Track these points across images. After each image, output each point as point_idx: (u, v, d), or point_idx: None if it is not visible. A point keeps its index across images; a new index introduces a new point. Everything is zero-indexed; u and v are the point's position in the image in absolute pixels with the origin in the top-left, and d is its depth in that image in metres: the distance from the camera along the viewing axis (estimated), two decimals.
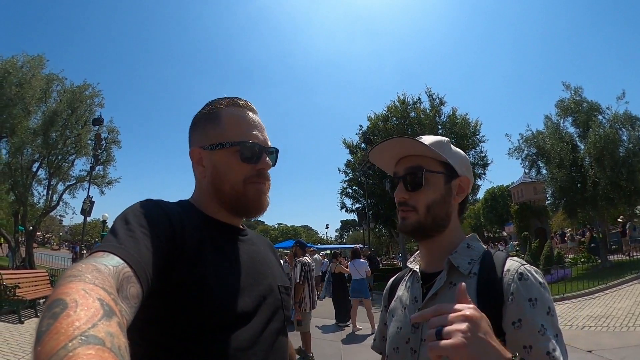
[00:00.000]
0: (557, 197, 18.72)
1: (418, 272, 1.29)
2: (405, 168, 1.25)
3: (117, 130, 26.30)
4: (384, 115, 26.86)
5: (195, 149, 1.18)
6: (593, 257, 18.85)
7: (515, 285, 1.06)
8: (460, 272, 1.15)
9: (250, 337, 1.03)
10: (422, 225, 1.22)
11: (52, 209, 24.59)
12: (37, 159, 23.23)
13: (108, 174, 26.46)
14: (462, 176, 1.27)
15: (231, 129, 1.16)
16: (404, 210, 1.24)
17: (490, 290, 1.07)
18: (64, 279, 0.63)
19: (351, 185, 30.19)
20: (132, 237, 0.86)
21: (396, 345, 1.23)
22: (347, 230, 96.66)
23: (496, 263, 1.14)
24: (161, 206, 1.03)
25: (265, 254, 1.28)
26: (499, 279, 1.09)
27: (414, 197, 1.22)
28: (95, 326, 0.51)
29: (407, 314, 1.24)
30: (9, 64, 20.32)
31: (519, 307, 1.02)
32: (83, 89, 24.02)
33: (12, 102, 20.03)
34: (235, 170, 1.14)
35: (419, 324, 1.14)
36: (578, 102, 18.24)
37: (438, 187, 1.22)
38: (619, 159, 16.31)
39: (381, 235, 37.80)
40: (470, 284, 1.10)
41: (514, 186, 39.77)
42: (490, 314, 0.89)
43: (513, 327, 1.01)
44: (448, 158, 1.23)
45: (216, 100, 1.22)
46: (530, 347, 0.98)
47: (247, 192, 1.15)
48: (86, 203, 20.42)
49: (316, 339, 9.15)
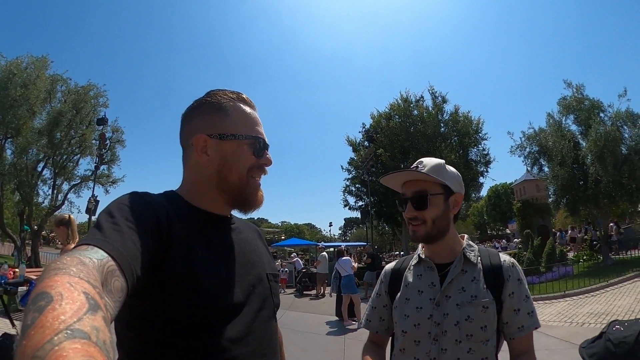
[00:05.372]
0: (559, 194, 18.65)
1: (432, 263, 1.62)
2: (413, 192, 1.59)
3: (121, 130, 26.53)
4: (387, 114, 26.89)
5: (201, 135, 1.15)
6: (595, 255, 18.85)
7: (511, 270, 1.54)
8: (470, 262, 1.56)
9: (242, 327, 1.05)
10: (430, 235, 1.58)
11: (57, 208, 24.74)
12: (42, 158, 23.42)
13: (112, 173, 26.74)
14: (457, 193, 1.63)
15: (241, 122, 1.18)
16: (414, 224, 1.59)
17: (495, 273, 1.53)
18: (49, 272, 0.62)
19: (354, 183, 30.26)
20: (117, 231, 0.85)
21: (417, 321, 1.54)
22: (351, 227, 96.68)
23: (492, 255, 1.60)
24: (147, 199, 1.02)
25: (253, 242, 1.29)
26: (500, 265, 1.55)
27: (421, 213, 1.56)
28: (80, 320, 0.50)
29: (425, 296, 1.56)
30: (14, 65, 20.47)
31: (513, 284, 1.51)
32: (87, 89, 24.20)
33: (17, 103, 20.18)
34: (244, 161, 1.16)
35: (440, 302, 1.51)
36: (580, 100, 18.15)
37: (439, 205, 1.57)
38: (621, 157, 16.23)
39: (384, 233, 37.86)
40: (478, 269, 1.55)
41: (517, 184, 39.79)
42: (494, 289, 1.49)
43: (509, 297, 1.50)
44: (445, 180, 1.58)
45: (219, 91, 1.22)
46: (519, 310, 1.49)
47: (249, 185, 1.17)
48: (91, 202, 20.47)
49: (319, 335, 9.25)
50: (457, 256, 1.59)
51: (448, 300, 1.50)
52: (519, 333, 1.48)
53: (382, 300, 1.76)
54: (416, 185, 1.59)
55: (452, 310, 1.48)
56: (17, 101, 20.09)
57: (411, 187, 1.60)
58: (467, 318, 1.45)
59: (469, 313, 1.45)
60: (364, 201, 29.34)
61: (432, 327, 1.50)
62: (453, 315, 1.47)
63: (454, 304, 1.48)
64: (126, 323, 0.97)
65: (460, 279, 1.53)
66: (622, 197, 16.90)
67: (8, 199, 23.17)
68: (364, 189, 27.73)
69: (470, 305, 1.46)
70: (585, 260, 18.53)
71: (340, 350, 7.92)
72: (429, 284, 1.58)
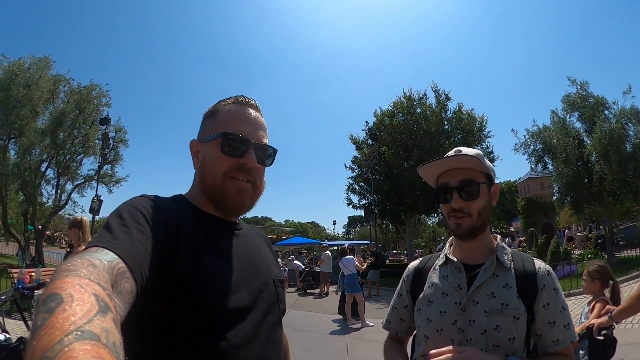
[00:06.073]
0: (564, 192, 18.61)
1: (460, 263, 1.50)
2: (460, 180, 1.46)
3: (124, 129, 26.58)
4: (390, 112, 26.80)
5: (193, 141, 1.21)
6: (600, 253, 18.77)
7: (546, 278, 1.41)
8: (502, 266, 1.44)
9: (248, 332, 1.04)
10: (475, 228, 1.46)
11: (61, 208, 24.87)
12: (46, 159, 23.51)
13: (116, 173, 26.79)
14: (496, 183, 1.55)
15: (222, 122, 1.16)
16: (459, 216, 1.46)
17: (528, 281, 1.40)
18: (60, 274, 0.62)
19: (358, 182, 30.21)
20: (126, 233, 0.86)
21: (440, 327, 1.43)
22: (355, 226, 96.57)
23: (526, 260, 1.48)
24: (156, 202, 1.02)
25: (260, 248, 1.28)
26: (534, 272, 1.42)
27: (468, 205, 1.44)
28: (90, 321, 0.51)
29: (450, 300, 1.45)
30: (16, 65, 20.52)
31: (548, 294, 1.39)
32: (90, 89, 24.25)
33: (20, 104, 20.25)
34: (217, 162, 1.13)
35: (467, 307, 1.39)
36: (584, 97, 18.09)
37: (485, 195, 1.48)
38: (626, 155, 16.17)
39: (388, 232, 37.86)
40: (510, 275, 1.42)
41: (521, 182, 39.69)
42: (527, 298, 1.36)
43: (543, 309, 1.37)
44: (488, 169, 1.50)
45: (223, 99, 1.23)
46: (554, 322, 1.37)
47: (225, 187, 1.13)
48: (94, 202, 20.56)
49: (322, 334, 9.23)
50: (488, 258, 1.47)
51: (475, 306, 1.39)
52: (554, 347, 1.37)
53: (403, 301, 1.67)
54: (462, 174, 1.47)
55: (479, 318, 1.36)
56: (20, 102, 20.15)
57: (456, 176, 1.47)
58: (495, 328, 1.34)
59: (498, 322, 1.34)
60: (367, 199, 29.27)
61: (455, 334, 1.39)
62: (480, 323, 1.36)
63: (482, 311, 1.37)
64: (131, 324, 0.96)
65: (490, 284, 1.41)
66: (627, 195, 16.87)
67: (12, 199, 23.27)
68: (368, 187, 27.67)
69: (500, 314, 1.34)
70: (590, 259, 18.46)
71: (343, 350, 7.90)
72: (455, 287, 1.46)
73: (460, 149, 1.49)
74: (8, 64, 20.57)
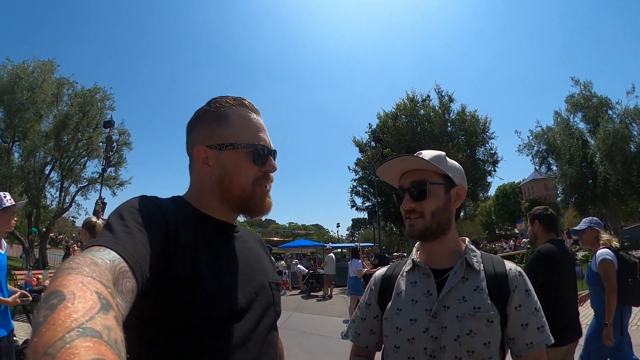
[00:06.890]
0: (568, 193, 18.59)
1: (428, 268, 1.45)
2: (411, 182, 1.46)
3: (128, 132, 26.70)
4: (393, 113, 26.84)
5: (201, 147, 1.16)
6: None
7: (517, 279, 1.38)
8: (472, 268, 1.40)
9: (244, 333, 1.05)
10: (429, 230, 1.43)
11: (65, 211, 25.02)
12: (50, 161, 23.65)
13: (119, 176, 26.94)
14: (459, 185, 1.49)
15: (241, 130, 1.16)
16: (412, 217, 1.45)
17: (499, 283, 1.37)
18: (62, 271, 0.63)
19: (361, 184, 30.20)
20: (128, 233, 0.87)
21: (411, 336, 1.37)
22: (358, 228, 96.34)
23: (497, 262, 1.45)
24: (156, 203, 1.04)
25: (256, 251, 1.29)
26: (505, 274, 1.39)
27: (420, 205, 1.42)
28: (92, 319, 0.51)
29: (419, 307, 1.40)
30: (20, 69, 20.68)
31: (520, 295, 1.36)
32: (94, 92, 24.39)
33: (24, 107, 20.40)
34: (246, 171, 1.15)
35: (438, 313, 1.34)
36: (587, 97, 18.04)
37: (439, 196, 1.44)
38: (630, 155, 16.10)
39: (392, 234, 37.77)
40: (481, 277, 1.38)
41: (525, 183, 39.66)
42: (499, 300, 1.33)
43: (515, 311, 1.34)
44: (446, 170, 1.44)
45: (220, 99, 1.22)
46: (527, 325, 1.34)
47: (255, 194, 1.17)
48: (98, 204, 20.63)
49: (325, 337, 9.20)
50: (457, 261, 1.43)
51: (447, 312, 1.34)
52: (528, 350, 1.33)
53: (373, 311, 1.59)
54: (415, 175, 1.46)
55: (451, 323, 1.31)
56: (24, 105, 20.32)
57: (409, 178, 1.47)
58: (469, 332, 1.28)
59: (471, 327, 1.29)
60: (371, 202, 29.23)
61: (428, 342, 1.34)
62: (452, 328, 1.30)
63: (454, 316, 1.31)
64: (126, 324, 0.96)
65: (460, 288, 1.37)
66: (632, 195, 16.76)
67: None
68: (371, 190, 27.65)
69: (473, 318, 1.29)
70: None
71: (346, 353, 7.75)
72: (425, 293, 1.41)
73: (421, 152, 1.49)
74: (12, 67, 20.75)
